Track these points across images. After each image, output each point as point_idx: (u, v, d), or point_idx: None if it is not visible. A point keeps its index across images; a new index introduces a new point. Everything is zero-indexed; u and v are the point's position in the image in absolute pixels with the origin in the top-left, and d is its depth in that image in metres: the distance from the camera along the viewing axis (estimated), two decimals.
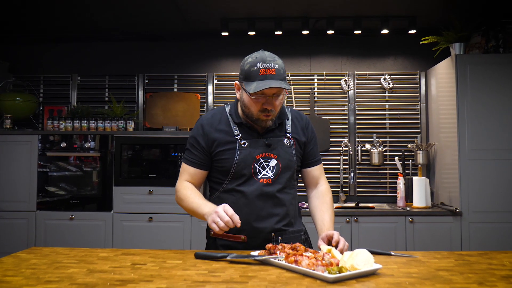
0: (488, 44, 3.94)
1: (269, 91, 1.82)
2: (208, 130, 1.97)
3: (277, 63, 1.84)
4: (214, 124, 1.98)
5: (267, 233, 1.90)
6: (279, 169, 1.93)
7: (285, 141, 1.97)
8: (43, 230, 3.98)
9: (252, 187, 1.91)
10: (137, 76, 4.71)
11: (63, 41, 4.77)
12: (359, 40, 4.57)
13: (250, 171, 1.91)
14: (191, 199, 1.94)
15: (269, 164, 1.93)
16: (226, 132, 1.96)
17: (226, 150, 1.93)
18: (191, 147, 2.00)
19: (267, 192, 1.91)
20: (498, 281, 1.38)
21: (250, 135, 1.95)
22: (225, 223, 1.70)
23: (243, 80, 1.88)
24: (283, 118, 2.01)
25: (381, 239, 3.78)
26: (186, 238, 3.88)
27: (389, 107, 4.54)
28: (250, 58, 1.88)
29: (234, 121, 1.97)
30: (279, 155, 1.94)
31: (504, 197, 3.71)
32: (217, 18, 4.20)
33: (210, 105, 4.61)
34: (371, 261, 1.44)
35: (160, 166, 4.02)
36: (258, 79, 1.81)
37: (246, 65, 1.87)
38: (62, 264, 1.61)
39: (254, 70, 1.83)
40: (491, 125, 3.75)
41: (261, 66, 1.82)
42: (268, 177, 1.92)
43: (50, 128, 4.24)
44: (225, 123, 1.98)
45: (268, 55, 1.86)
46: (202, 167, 1.99)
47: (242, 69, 1.90)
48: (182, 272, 1.49)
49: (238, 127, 1.96)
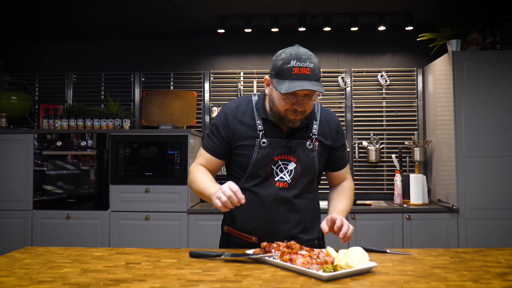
0: (485, 40, 3.93)
1: (301, 92, 1.71)
2: (231, 120, 1.89)
3: (312, 62, 1.71)
4: (238, 115, 1.89)
5: (279, 238, 1.82)
6: (297, 174, 1.85)
7: (308, 144, 1.86)
8: (39, 229, 3.97)
9: (267, 190, 1.85)
10: (133, 74, 4.70)
11: (59, 39, 4.75)
12: (356, 37, 4.56)
13: (267, 172, 1.85)
14: (201, 180, 1.87)
15: (288, 167, 1.85)
16: (249, 126, 1.87)
17: (246, 146, 1.86)
18: (211, 134, 1.94)
19: (282, 197, 1.84)
20: (493, 279, 1.38)
21: (274, 132, 1.85)
22: (227, 198, 1.63)
23: (275, 76, 1.75)
24: (311, 119, 1.89)
25: (378, 236, 3.78)
26: (183, 236, 3.87)
27: (386, 104, 4.53)
28: (284, 54, 1.75)
29: (259, 115, 1.87)
30: (299, 159, 1.85)
31: (501, 194, 3.71)
32: (213, 15, 4.18)
33: (206, 103, 4.60)
34: (366, 259, 1.43)
35: (156, 165, 4.01)
36: (290, 78, 1.69)
37: (279, 61, 1.74)
38: (55, 264, 1.60)
39: (287, 67, 1.70)
40: (488, 122, 3.75)
41: (295, 64, 1.70)
42: (285, 181, 1.85)
43: (46, 127, 4.23)
44: (249, 116, 1.89)
45: (303, 53, 1.73)
46: (219, 156, 1.93)
47: (274, 64, 1.76)
48: (176, 271, 1.48)
49: (263, 122, 1.86)
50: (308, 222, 1.90)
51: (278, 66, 1.74)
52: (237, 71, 4.61)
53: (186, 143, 3.96)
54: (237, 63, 4.65)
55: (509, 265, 1.55)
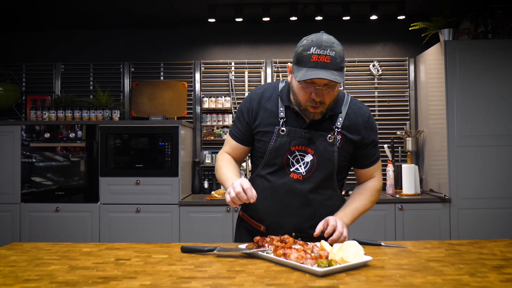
0: (477, 29, 3.91)
1: (320, 81, 1.63)
2: (255, 105, 1.85)
3: (334, 50, 1.62)
4: (263, 100, 1.85)
5: (288, 230, 1.79)
6: (313, 167, 1.78)
7: (328, 137, 1.77)
8: (28, 223, 3.91)
9: (281, 180, 1.81)
10: (123, 64, 4.62)
11: (46, 29, 4.65)
12: (348, 26, 4.51)
13: (282, 161, 1.80)
14: (223, 170, 1.86)
15: (304, 159, 1.78)
16: (271, 113, 1.82)
17: (265, 132, 1.81)
18: (237, 119, 1.91)
19: (296, 189, 1.79)
20: (489, 272, 1.36)
21: (295, 121, 1.79)
22: (236, 194, 1.61)
23: (295, 63, 1.69)
24: (336, 111, 1.80)
25: (370, 227, 3.77)
26: (174, 229, 3.84)
27: (378, 94, 4.51)
28: (306, 40, 1.66)
29: (283, 102, 1.82)
30: (317, 151, 1.77)
31: (493, 183, 3.71)
32: (204, 5, 4.11)
33: (197, 93, 4.54)
34: (361, 253, 1.41)
35: (147, 156, 3.95)
36: (308, 65, 1.62)
37: (299, 48, 1.67)
38: (42, 261, 1.55)
39: (306, 54, 1.63)
40: (480, 112, 3.74)
41: (314, 51, 1.61)
42: (300, 173, 1.78)
43: (34, 118, 4.15)
44: (273, 102, 1.84)
45: (325, 39, 1.63)
46: (243, 143, 1.90)
47: (295, 51, 1.69)
48: (167, 268, 1.44)
49: (285, 110, 1.81)
50: (322, 218, 1.74)
51: (298, 53, 1.67)
52: (228, 61, 4.55)
53: (177, 134, 3.91)
54: (228, 53, 4.59)
55: (504, 257, 1.53)
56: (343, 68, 1.67)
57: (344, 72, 1.69)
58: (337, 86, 1.67)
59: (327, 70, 1.61)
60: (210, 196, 3.97)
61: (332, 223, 1.68)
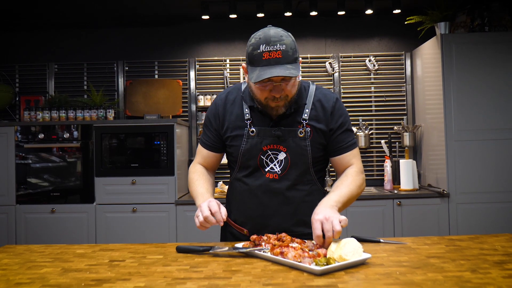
0: (473, 23, 3.89)
1: (276, 78, 1.60)
2: (221, 110, 1.83)
3: (284, 43, 1.59)
4: (228, 104, 1.83)
5: (271, 231, 1.74)
6: (288, 164, 1.75)
7: (299, 132, 1.74)
8: (23, 225, 3.86)
9: (258, 182, 1.78)
10: (117, 63, 4.57)
11: (39, 29, 4.60)
12: (343, 21, 4.48)
13: (256, 163, 1.77)
14: (194, 186, 1.84)
15: (278, 157, 1.76)
16: (237, 115, 1.80)
17: (235, 136, 1.79)
18: (205, 127, 1.90)
19: (273, 188, 1.77)
20: (491, 268, 1.33)
21: (262, 121, 1.76)
22: (204, 218, 1.61)
23: (248, 64, 1.66)
24: (300, 103, 1.77)
25: (369, 223, 3.75)
26: (171, 228, 3.80)
27: (374, 89, 4.48)
28: (254, 39, 1.64)
29: (246, 103, 1.79)
30: (289, 148, 1.75)
31: (491, 178, 3.69)
32: (197, 2, 4.07)
33: (192, 91, 4.50)
34: (360, 250, 1.38)
35: (142, 155, 3.92)
36: (261, 64, 1.59)
37: (249, 47, 1.64)
38: (35, 264, 1.52)
39: (257, 53, 1.60)
40: (477, 105, 3.72)
41: (264, 48, 1.58)
42: (275, 172, 1.76)
43: (27, 119, 4.11)
44: (238, 105, 1.81)
45: (273, 34, 1.60)
46: (215, 150, 1.88)
47: (246, 51, 1.67)
48: (162, 268, 1.41)
49: (250, 110, 1.78)
50: (305, 215, 1.72)
51: (249, 53, 1.64)
52: (223, 58, 4.51)
53: (172, 133, 3.88)
54: (223, 50, 4.55)
55: (506, 253, 1.51)
56: (298, 59, 1.65)
57: (299, 63, 1.67)
58: (294, 78, 1.65)
59: (281, 66, 1.58)
60: None
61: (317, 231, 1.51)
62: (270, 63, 1.58)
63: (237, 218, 1.86)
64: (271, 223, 1.79)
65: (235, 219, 1.87)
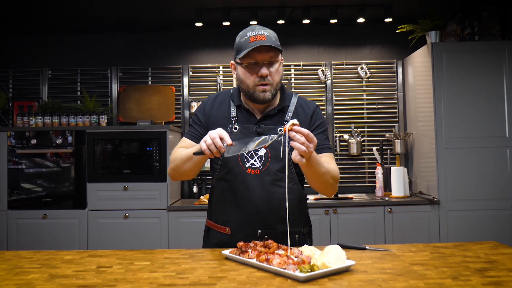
0: (464, 32, 3.93)
1: (261, 57, 1.75)
2: (208, 107, 1.94)
3: (267, 31, 1.78)
4: (216, 104, 1.94)
5: (254, 227, 1.78)
6: (268, 159, 1.81)
7: (279, 130, 1.80)
8: (15, 230, 3.86)
9: (239, 178, 1.81)
10: (110, 69, 4.59)
11: (33, 34, 4.61)
12: (335, 29, 4.52)
13: (237, 158, 1.82)
14: (184, 151, 1.83)
15: (258, 153, 1.82)
16: (224, 114, 1.90)
17: None
18: (193, 122, 1.97)
19: (255, 184, 1.80)
20: (472, 275, 1.35)
21: (247, 119, 1.87)
22: (211, 140, 1.58)
23: (236, 54, 1.81)
24: (284, 105, 1.88)
25: (360, 230, 3.77)
26: (163, 234, 3.81)
27: (366, 96, 4.51)
28: (241, 32, 1.82)
29: (234, 102, 1.91)
30: (269, 145, 1.80)
31: (481, 185, 3.72)
32: (191, 9, 4.10)
33: (186, 97, 4.52)
34: (343, 257, 1.40)
35: (135, 161, 3.93)
36: (248, 46, 1.74)
37: (237, 39, 1.82)
38: (22, 270, 1.53)
39: (244, 39, 1.77)
40: (468, 113, 3.76)
41: (251, 34, 1.76)
42: (256, 168, 1.81)
43: (20, 125, 4.11)
44: (226, 105, 1.93)
45: (259, 27, 1.81)
46: (198, 141, 1.87)
47: (234, 45, 1.83)
48: (148, 275, 1.43)
49: (237, 109, 1.89)
50: (285, 212, 1.71)
51: (237, 43, 1.81)
52: (217, 65, 4.54)
53: (165, 139, 3.89)
54: (216, 57, 4.58)
55: (488, 260, 1.53)
56: (281, 50, 1.79)
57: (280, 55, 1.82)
58: (278, 63, 1.80)
59: (267, 43, 1.74)
60: (199, 201, 3.94)
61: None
62: (257, 44, 1.73)
63: (219, 218, 1.88)
64: (253, 219, 1.80)
65: (216, 219, 1.90)
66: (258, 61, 1.76)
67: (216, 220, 1.90)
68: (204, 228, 2.02)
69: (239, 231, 1.81)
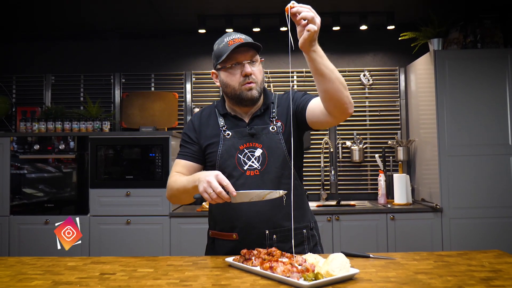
0: (466, 39, 3.94)
1: (243, 57, 1.80)
2: (197, 124, 1.96)
3: (243, 35, 1.84)
4: (203, 119, 1.97)
5: (261, 228, 1.78)
6: (266, 158, 1.83)
7: (271, 128, 1.87)
8: (17, 236, 3.85)
9: (239, 181, 1.80)
10: (113, 75, 4.60)
11: (36, 40, 4.63)
12: (338, 36, 4.53)
13: (234, 162, 1.83)
14: (179, 180, 1.82)
15: (255, 154, 1.83)
16: (213, 126, 1.92)
17: (212, 143, 1.89)
18: (183, 142, 1.97)
19: (256, 185, 1.79)
20: (477, 284, 1.35)
21: (236, 125, 1.90)
22: (217, 194, 1.56)
23: (216, 60, 1.86)
24: (268, 103, 1.93)
25: (362, 237, 3.76)
26: (165, 240, 3.80)
27: (369, 103, 4.51)
28: (218, 40, 1.89)
29: (220, 112, 1.94)
30: (264, 143, 1.84)
31: (484, 193, 3.71)
32: (193, 15, 4.12)
33: (188, 104, 4.53)
34: (347, 266, 1.39)
35: (137, 167, 3.93)
36: (228, 49, 1.78)
37: (215, 47, 1.88)
38: (26, 276, 1.53)
39: (223, 45, 1.82)
40: (470, 121, 3.75)
41: (228, 39, 1.82)
42: (255, 168, 1.82)
43: (23, 130, 4.12)
44: (213, 117, 1.95)
45: (234, 32, 1.87)
46: (195, 160, 1.92)
47: (213, 54, 1.88)
48: (152, 282, 1.42)
49: (224, 118, 1.92)
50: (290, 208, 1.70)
51: (215, 50, 1.86)
52: None
53: (167, 145, 3.90)
54: None
55: (493, 269, 1.52)
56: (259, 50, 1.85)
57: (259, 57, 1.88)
58: (258, 63, 1.85)
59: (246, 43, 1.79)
60: (201, 207, 3.94)
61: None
62: (236, 44, 1.78)
63: (225, 227, 1.87)
64: (259, 220, 1.80)
65: (222, 228, 1.89)
66: (240, 61, 1.81)
67: (222, 228, 1.88)
68: (208, 240, 1.99)
69: (246, 234, 1.80)
